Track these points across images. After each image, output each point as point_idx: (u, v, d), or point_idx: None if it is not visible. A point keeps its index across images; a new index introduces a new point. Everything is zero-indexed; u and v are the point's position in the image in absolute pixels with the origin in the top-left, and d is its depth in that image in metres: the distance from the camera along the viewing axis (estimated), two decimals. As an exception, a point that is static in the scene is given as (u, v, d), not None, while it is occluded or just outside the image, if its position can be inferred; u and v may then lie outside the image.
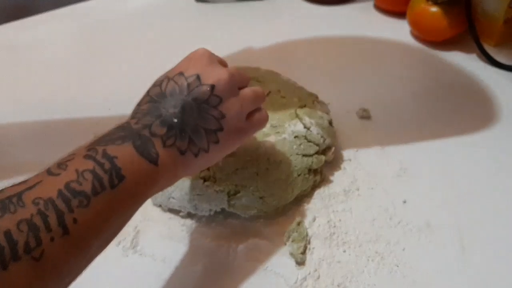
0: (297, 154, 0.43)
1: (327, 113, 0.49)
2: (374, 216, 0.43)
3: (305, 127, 0.45)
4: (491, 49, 0.62)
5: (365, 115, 0.53)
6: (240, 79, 0.35)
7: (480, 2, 0.62)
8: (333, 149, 0.46)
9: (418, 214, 0.43)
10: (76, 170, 0.26)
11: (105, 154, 0.28)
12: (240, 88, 0.35)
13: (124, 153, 0.28)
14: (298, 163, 0.43)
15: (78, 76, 0.62)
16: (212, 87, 0.32)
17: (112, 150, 0.28)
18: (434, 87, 0.59)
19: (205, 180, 0.42)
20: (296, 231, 0.41)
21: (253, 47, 0.67)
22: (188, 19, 0.74)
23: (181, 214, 0.43)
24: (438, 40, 0.65)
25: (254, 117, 0.36)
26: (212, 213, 0.42)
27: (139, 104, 0.33)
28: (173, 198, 0.42)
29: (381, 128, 0.52)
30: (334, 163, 0.47)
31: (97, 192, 0.26)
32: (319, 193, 0.45)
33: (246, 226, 0.42)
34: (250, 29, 0.71)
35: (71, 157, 0.28)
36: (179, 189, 0.42)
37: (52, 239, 0.24)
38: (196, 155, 0.32)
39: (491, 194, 0.45)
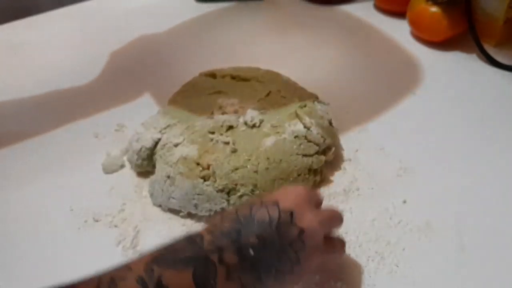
0: (297, 154, 0.43)
1: (327, 113, 0.49)
2: (374, 216, 0.43)
3: (305, 127, 0.45)
4: (491, 49, 0.62)
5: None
6: (334, 224, 0.34)
7: (480, 2, 0.62)
8: (333, 149, 0.46)
9: (418, 214, 0.43)
10: None
11: (158, 284, 0.26)
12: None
13: (179, 282, 0.27)
14: (298, 163, 0.43)
15: (77, 76, 0.62)
16: (301, 231, 0.30)
17: (168, 278, 0.26)
18: (434, 87, 0.59)
19: (205, 180, 0.42)
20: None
21: (253, 47, 0.67)
22: (188, 19, 0.74)
23: (181, 214, 0.43)
24: (438, 40, 0.65)
25: (331, 246, 0.34)
26: (212, 213, 0.42)
27: (222, 218, 0.30)
28: (173, 198, 0.42)
29: (381, 128, 0.52)
30: (334, 163, 0.47)
31: None
32: (319, 193, 0.45)
33: (246, 226, 0.42)
34: (250, 29, 0.71)
35: (124, 274, 0.27)
36: (179, 189, 0.42)
37: None
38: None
39: (491, 194, 0.45)
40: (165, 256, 0.28)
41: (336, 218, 0.35)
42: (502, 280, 0.38)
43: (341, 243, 0.36)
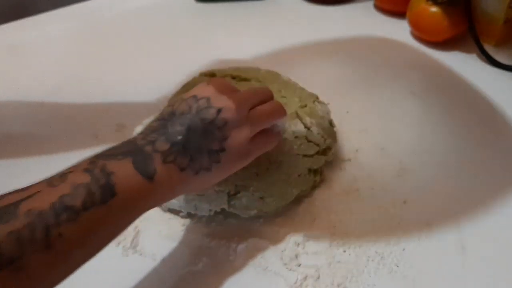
0: (297, 154, 0.43)
1: (328, 113, 0.49)
2: (374, 216, 0.43)
3: (305, 127, 0.45)
4: (491, 49, 0.62)
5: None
6: (254, 100, 0.37)
7: (480, 2, 0.62)
8: (333, 149, 0.46)
9: (418, 214, 0.43)
10: (72, 184, 0.28)
11: (103, 169, 0.29)
12: (258, 105, 0.37)
13: (121, 168, 0.29)
14: (299, 163, 0.43)
15: (77, 76, 0.62)
16: (219, 110, 0.34)
17: (111, 165, 0.29)
18: (433, 87, 0.59)
19: (205, 180, 0.42)
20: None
21: (253, 47, 0.67)
22: (188, 19, 0.74)
23: (181, 214, 0.43)
24: (438, 40, 0.65)
25: (259, 139, 0.37)
26: (212, 213, 0.42)
27: (151, 122, 0.34)
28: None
29: (381, 128, 0.52)
30: (334, 163, 0.48)
31: (87, 207, 0.27)
32: (319, 193, 0.45)
33: (246, 226, 0.42)
34: (250, 29, 0.71)
35: (73, 169, 0.29)
36: (179, 189, 0.42)
37: (34, 252, 0.25)
38: (196, 173, 0.33)
39: (491, 194, 0.45)
40: (107, 152, 0.31)
41: (258, 94, 0.38)
42: (502, 280, 0.38)
43: (275, 133, 0.39)
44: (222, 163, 0.34)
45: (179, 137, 0.32)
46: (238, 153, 0.35)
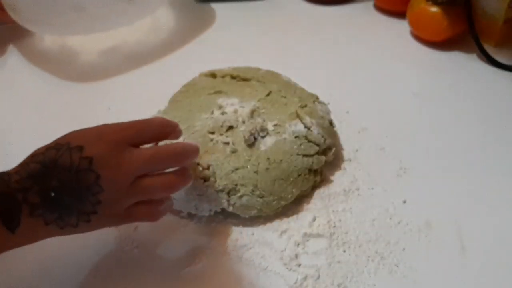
0: (297, 154, 0.43)
1: (328, 113, 0.49)
2: (374, 216, 0.43)
3: (305, 127, 0.45)
4: (491, 49, 0.62)
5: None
6: (148, 167, 0.33)
7: (480, 2, 0.62)
8: (333, 149, 0.46)
9: (418, 214, 0.43)
10: None
11: None
12: (160, 169, 0.34)
13: None
14: (299, 163, 0.43)
15: (77, 76, 0.62)
16: (98, 176, 0.31)
17: None
18: (434, 87, 0.59)
19: (205, 180, 0.42)
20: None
21: (253, 47, 0.67)
22: (188, 19, 0.74)
23: (181, 214, 0.43)
24: (438, 40, 0.65)
25: (141, 209, 0.35)
26: (212, 213, 0.42)
27: (32, 157, 0.32)
28: (174, 198, 0.42)
29: (381, 128, 0.52)
30: (334, 163, 0.48)
31: None
32: (319, 193, 0.45)
33: (246, 226, 0.42)
34: (250, 29, 0.71)
35: None
36: (179, 189, 0.42)
37: None
38: (61, 228, 0.32)
39: (491, 194, 0.45)
40: None
41: (157, 160, 0.34)
42: (502, 280, 0.38)
43: (162, 208, 0.36)
44: (92, 222, 0.32)
45: (52, 194, 0.31)
46: (111, 217, 0.33)
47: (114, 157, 0.32)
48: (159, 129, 0.36)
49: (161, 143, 0.37)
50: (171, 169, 0.35)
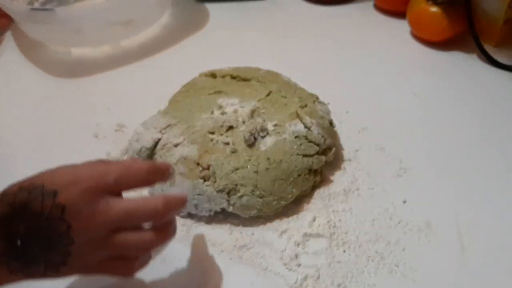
0: (297, 154, 0.43)
1: (328, 113, 0.49)
2: (374, 216, 0.43)
3: (305, 127, 0.45)
4: (491, 49, 0.62)
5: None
6: (124, 222, 0.31)
7: (480, 2, 0.62)
8: (333, 149, 0.46)
9: (418, 214, 0.43)
10: None
11: None
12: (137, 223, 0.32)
13: None
14: (299, 163, 0.43)
15: (78, 76, 0.62)
16: (69, 227, 0.29)
17: None
18: (433, 87, 0.59)
19: (205, 180, 0.42)
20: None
21: (253, 47, 0.67)
22: (188, 19, 0.74)
23: (181, 214, 0.43)
24: (438, 40, 0.65)
25: (114, 264, 0.32)
26: (212, 213, 0.42)
27: (1, 198, 0.29)
28: (173, 198, 0.42)
29: (381, 128, 0.52)
30: (334, 163, 0.48)
31: None
32: (319, 193, 0.45)
33: (246, 226, 0.42)
34: (250, 29, 0.71)
35: None
36: (179, 189, 0.42)
37: None
38: (27, 276, 0.30)
39: (490, 194, 0.45)
40: None
41: (134, 211, 0.31)
42: (502, 279, 0.38)
43: (137, 265, 0.33)
44: (61, 273, 0.30)
45: (19, 242, 0.28)
46: (81, 269, 0.31)
47: (88, 207, 0.30)
48: (144, 176, 0.32)
49: None
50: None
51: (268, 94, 0.49)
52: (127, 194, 0.33)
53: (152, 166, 0.33)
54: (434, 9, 0.62)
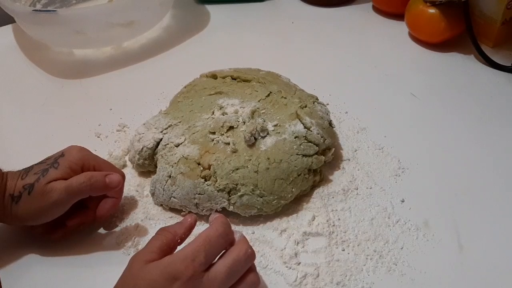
0: (297, 154, 0.44)
1: (327, 113, 0.49)
2: (372, 215, 0.43)
3: (305, 127, 0.46)
4: (488, 50, 0.63)
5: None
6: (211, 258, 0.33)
7: (478, 3, 0.62)
8: (333, 150, 0.46)
9: (416, 213, 0.43)
10: None
11: None
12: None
13: None
14: (298, 163, 0.43)
15: (78, 76, 0.62)
16: None
17: None
18: (431, 88, 0.59)
19: (206, 180, 0.42)
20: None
21: (253, 49, 0.68)
22: (189, 20, 0.74)
23: (182, 213, 0.44)
24: (436, 42, 0.65)
25: None
26: (213, 212, 0.43)
27: None
28: (174, 197, 0.43)
29: (380, 129, 0.52)
30: (334, 163, 0.48)
31: None
32: (318, 193, 0.45)
33: (247, 225, 0.43)
34: (250, 30, 0.72)
35: None
36: (180, 188, 0.42)
37: None
38: None
39: (488, 193, 0.45)
40: None
41: (237, 263, 0.34)
42: (499, 278, 0.38)
43: None
44: None
45: None
46: None
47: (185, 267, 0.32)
48: (223, 243, 0.35)
49: None
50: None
51: (268, 95, 0.49)
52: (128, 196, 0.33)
53: (222, 232, 0.35)
54: (432, 10, 0.63)
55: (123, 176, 0.42)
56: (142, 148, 0.46)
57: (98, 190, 0.40)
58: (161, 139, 0.46)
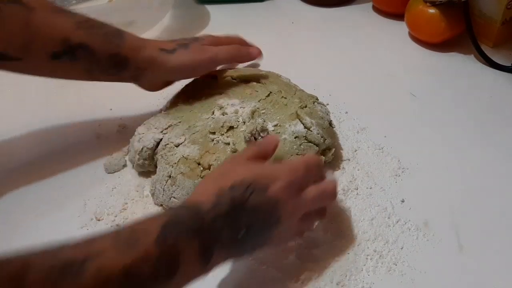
0: (297, 154, 0.44)
1: (328, 114, 0.49)
2: (372, 215, 0.43)
3: (305, 127, 0.46)
4: (488, 50, 0.63)
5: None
6: (306, 183, 0.36)
7: (478, 3, 0.62)
8: (332, 150, 0.46)
9: (416, 213, 0.43)
10: (143, 255, 0.28)
11: (173, 246, 0.30)
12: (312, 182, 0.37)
13: (188, 250, 0.30)
14: (298, 163, 0.43)
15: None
16: (279, 219, 0.34)
17: (181, 244, 0.30)
18: (431, 88, 0.59)
19: (206, 180, 0.42)
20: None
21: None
22: (188, 20, 0.74)
23: (182, 213, 0.44)
24: (436, 42, 0.65)
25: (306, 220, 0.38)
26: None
27: (219, 195, 0.33)
28: (175, 197, 0.43)
29: (380, 129, 0.52)
30: (333, 163, 0.48)
31: (151, 279, 0.28)
32: (318, 193, 0.45)
33: (247, 225, 0.43)
34: (251, 30, 0.71)
35: (142, 234, 0.29)
36: (180, 188, 0.42)
37: None
38: (239, 256, 0.36)
39: (488, 193, 0.45)
40: (173, 220, 0.31)
41: (324, 195, 0.37)
42: (500, 279, 0.38)
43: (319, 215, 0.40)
44: (255, 253, 0.37)
45: (240, 235, 0.32)
46: (271, 247, 0.38)
47: (292, 199, 0.35)
48: (318, 170, 0.38)
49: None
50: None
51: (268, 95, 0.49)
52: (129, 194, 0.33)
53: (320, 162, 0.39)
54: (432, 10, 0.63)
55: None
56: (142, 148, 0.46)
57: (241, 60, 0.53)
58: (161, 139, 0.46)
